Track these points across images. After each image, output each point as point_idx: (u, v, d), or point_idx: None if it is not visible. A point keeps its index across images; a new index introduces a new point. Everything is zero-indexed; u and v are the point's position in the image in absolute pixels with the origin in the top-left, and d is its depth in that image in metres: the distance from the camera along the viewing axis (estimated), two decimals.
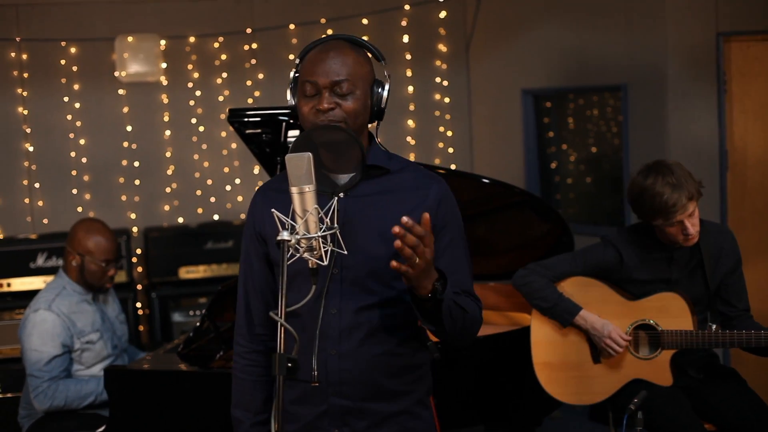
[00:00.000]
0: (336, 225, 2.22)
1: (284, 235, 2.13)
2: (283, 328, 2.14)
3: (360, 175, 2.30)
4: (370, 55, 2.50)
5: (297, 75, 2.46)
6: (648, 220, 3.67)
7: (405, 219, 2.12)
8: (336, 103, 2.37)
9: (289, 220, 2.16)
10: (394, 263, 2.16)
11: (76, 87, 6.41)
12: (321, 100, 2.37)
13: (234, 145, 6.65)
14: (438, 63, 7.05)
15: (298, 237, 2.14)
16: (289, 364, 2.09)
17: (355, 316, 2.41)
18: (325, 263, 2.18)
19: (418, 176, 2.50)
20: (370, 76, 2.45)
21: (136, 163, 6.56)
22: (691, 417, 3.61)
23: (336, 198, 2.24)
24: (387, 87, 2.46)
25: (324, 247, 2.18)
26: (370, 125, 2.51)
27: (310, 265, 2.20)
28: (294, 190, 2.16)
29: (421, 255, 2.16)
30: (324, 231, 2.18)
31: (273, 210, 2.21)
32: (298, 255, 2.17)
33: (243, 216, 6.65)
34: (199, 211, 6.68)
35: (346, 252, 2.26)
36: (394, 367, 2.46)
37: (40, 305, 4.22)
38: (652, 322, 3.73)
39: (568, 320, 3.79)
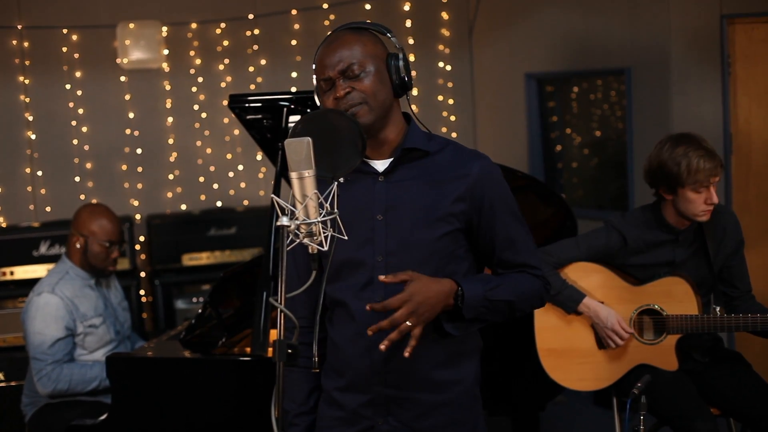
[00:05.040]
0: (336, 210, 2.20)
1: (283, 220, 2.11)
2: (283, 314, 2.12)
3: (358, 160, 2.26)
4: (377, 33, 2.50)
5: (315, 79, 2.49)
6: (673, 187, 3.62)
7: (368, 307, 2.26)
8: (350, 86, 2.38)
9: (288, 205, 2.14)
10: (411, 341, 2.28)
11: (78, 74, 6.39)
12: (336, 89, 2.39)
13: (236, 132, 6.64)
14: (441, 47, 7.02)
15: (297, 222, 2.12)
16: (290, 351, 2.07)
17: None
18: (325, 249, 2.17)
19: (459, 155, 2.48)
20: (381, 53, 2.45)
21: (139, 150, 6.54)
22: (697, 401, 3.60)
23: (336, 183, 2.22)
24: (401, 57, 2.44)
25: (324, 233, 2.16)
26: (400, 101, 2.51)
27: (309, 251, 2.19)
28: (293, 175, 2.14)
29: (414, 316, 2.27)
30: (324, 216, 2.16)
31: (272, 195, 2.20)
32: (297, 240, 2.15)
33: (246, 203, 6.65)
34: (202, 197, 6.67)
35: (346, 237, 2.25)
36: (440, 355, 2.46)
37: (43, 288, 4.24)
38: (656, 306, 3.71)
39: (572, 308, 3.77)
